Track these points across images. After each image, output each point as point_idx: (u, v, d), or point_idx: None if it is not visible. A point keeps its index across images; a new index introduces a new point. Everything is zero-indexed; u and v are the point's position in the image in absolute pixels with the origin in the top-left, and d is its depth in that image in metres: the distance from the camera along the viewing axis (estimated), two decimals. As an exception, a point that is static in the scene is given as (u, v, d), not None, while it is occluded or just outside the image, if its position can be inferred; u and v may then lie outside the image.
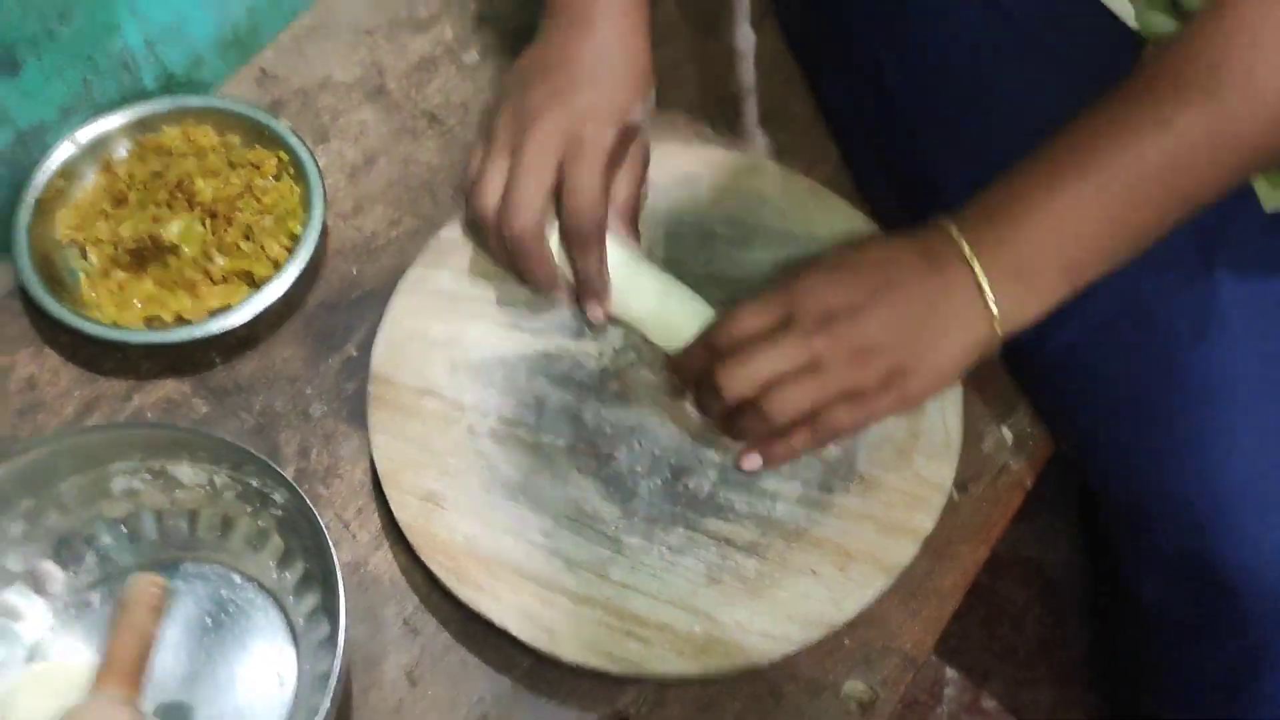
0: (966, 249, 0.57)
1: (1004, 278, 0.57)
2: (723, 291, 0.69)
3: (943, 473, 0.64)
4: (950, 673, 1.10)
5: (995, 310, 0.57)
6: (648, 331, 0.66)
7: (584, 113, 0.63)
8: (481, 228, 0.65)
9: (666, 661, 0.58)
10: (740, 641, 0.59)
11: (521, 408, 0.66)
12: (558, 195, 0.63)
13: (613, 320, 0.67)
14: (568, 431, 0.65)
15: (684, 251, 0.71)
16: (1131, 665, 0.77)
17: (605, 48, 0.65)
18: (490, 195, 0.64)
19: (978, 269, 0.57)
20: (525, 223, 0.62)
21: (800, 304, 0.58)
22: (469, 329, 0.68)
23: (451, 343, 0.67)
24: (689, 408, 0.65)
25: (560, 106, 0.63)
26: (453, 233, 0.71)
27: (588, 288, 0.65)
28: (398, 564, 0.64)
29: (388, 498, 0.62)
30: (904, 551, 0.61)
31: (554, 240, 0.65)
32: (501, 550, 0.61)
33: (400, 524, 0.62)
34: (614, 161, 0.64)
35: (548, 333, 0.68)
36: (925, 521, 0.62)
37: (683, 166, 0.74)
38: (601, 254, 0.64)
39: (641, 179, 0.67)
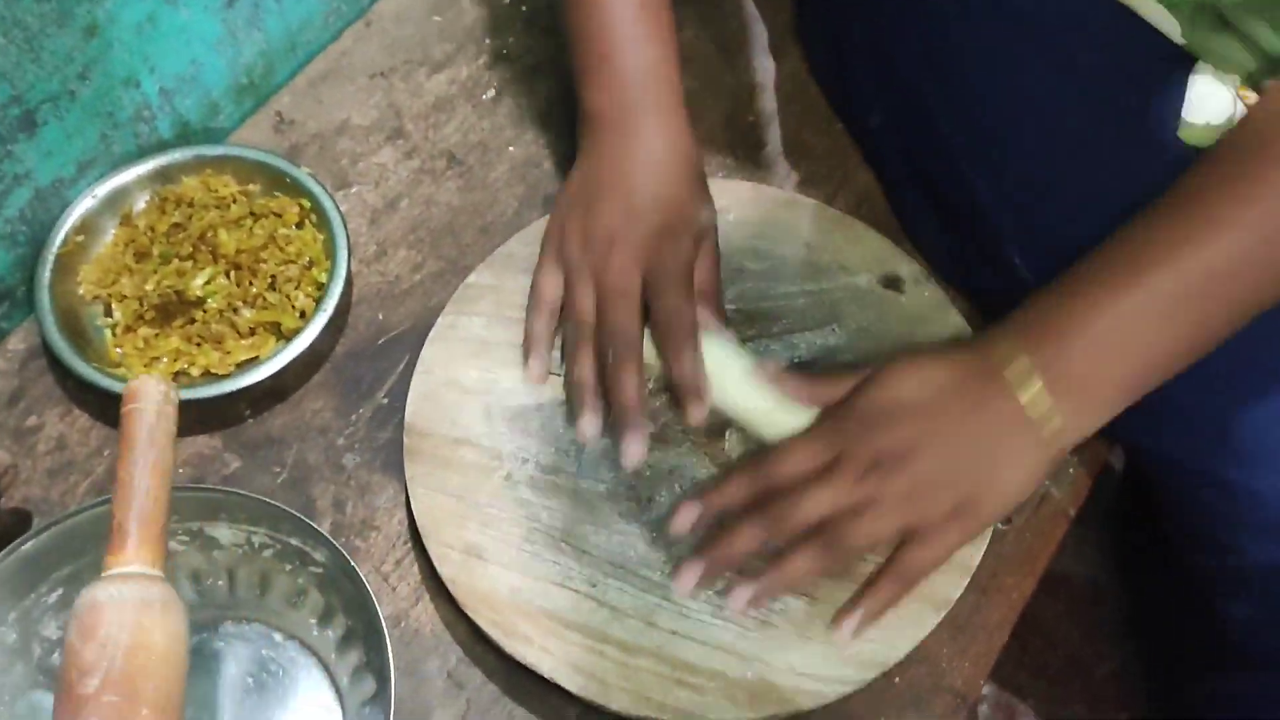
0: (1025, 363, 0.56)
1: (1066, 392, 0.56)
2: (754, 328, 0.69)
3: None
4: (985, 689, 1.09)
5: (1057, 425, 0.56)
6: (749, 423, 0.64)
7: (659, 231, 0.65)
8: (573, 350, 0.65)
9: (720, 710, 0.58)
10: (794, 685, 0.58)
11: (559, 454, 0.65)
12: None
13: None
14: (608, 476, 0.64)
15: None
16: (1192, 689, 0.76)
17: (654, 154, 0.67)
18: (585, 316, 0.65)
19: (1037, 387, 0.56)
20: (626, 346, 0.63)
21: (851, 449, 0.57)
22: (502, 376, 0.67)
23: (486, 390, 0.67)
24: (727, 448, 0.64)
25: (633, 228, 0.65)
26: (481, 278, 0.70)
27: (686, 390, 0.63)
28: (439, 616, 0.63)
29: (429, 552, 0.62)
30: (952, 587, 0.61)
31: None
32: (547, 601, 0.60)
33: (443, 578, 0.61)
34: (691, 265, 0.65)
35: None
36: (973, 555, 0.61)
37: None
38: (697, 357, 0.63)
39: (717, 264, 0.68)
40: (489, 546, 0.62)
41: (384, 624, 0.54)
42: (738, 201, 0.73)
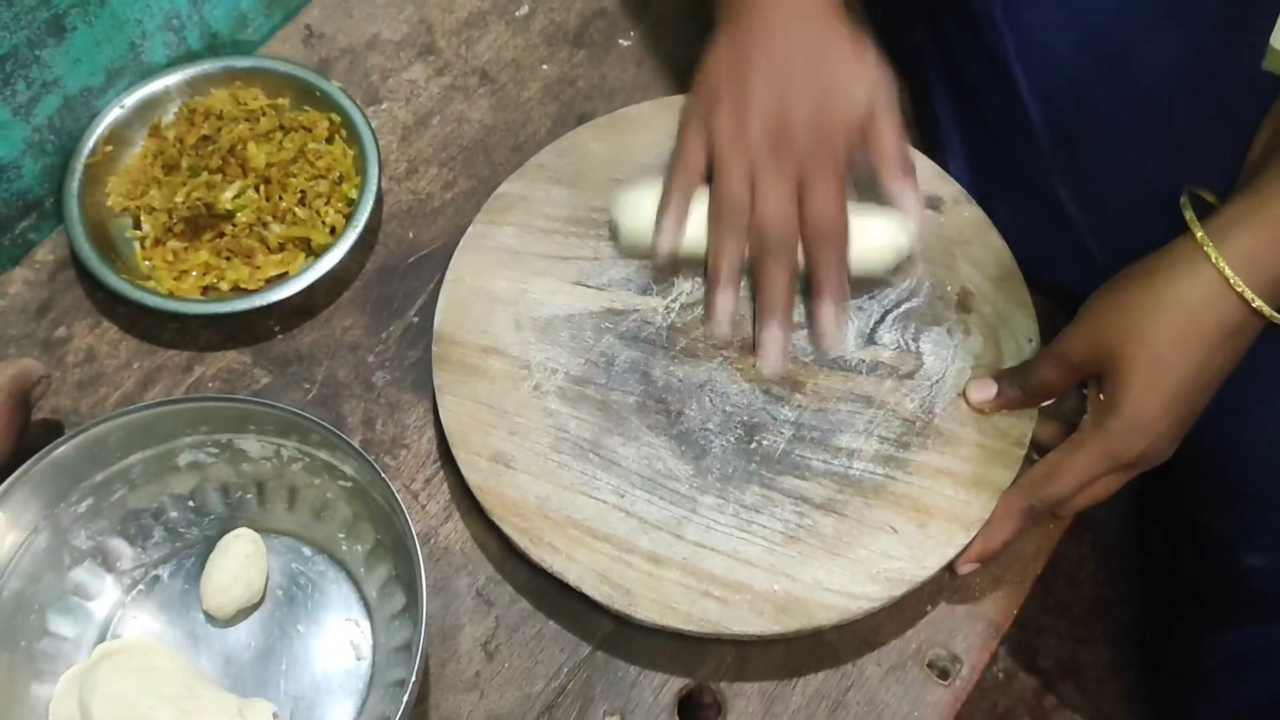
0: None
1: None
2: None
3: (1021, 426, 0.62)
4: (1006, 630, 1.08)
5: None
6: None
7: (814, 119, 0.62)
8: (725, 233, 0.63)
9: (745, 621, 0.57)
10: (821, 600, 0.58)
11: (590, 365, 0.64)
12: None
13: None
14: (637, 389, 0.64)
15: None
16: (1209, 640, 0.75)
17: (806, 22, 0.63)
18: (740, 201, 0.62)
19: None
20: (781, 243, 0.62)
21: (1118, 458, 0.57)
22: (533, 285, 0.67)
23: (516, 300, 0.66)
24: (758, 363, 0.64)
25: (789, 114, 0.62)
26: (513, 188, 0.70)
27: (825, 287, 0.62)
28: (469, 534, 0.63)
29: (456, 459, 0.62)
30: (984, 507, 0.60)
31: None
32: (575, 511, 0.60)
33: (470, 485, 0.61)
34: (845, 154, 0.63)
35: (613, 288, 0.67)
36: (1004, 476, 0.61)
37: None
38: (842, 262, 0.62)
39: (895, 130, 0.64)
40: (517, 455, 0.62)
41: (415, 535, 0.54)
42: None
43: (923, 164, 0.70)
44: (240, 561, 0.60)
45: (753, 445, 0.62)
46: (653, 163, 0.70)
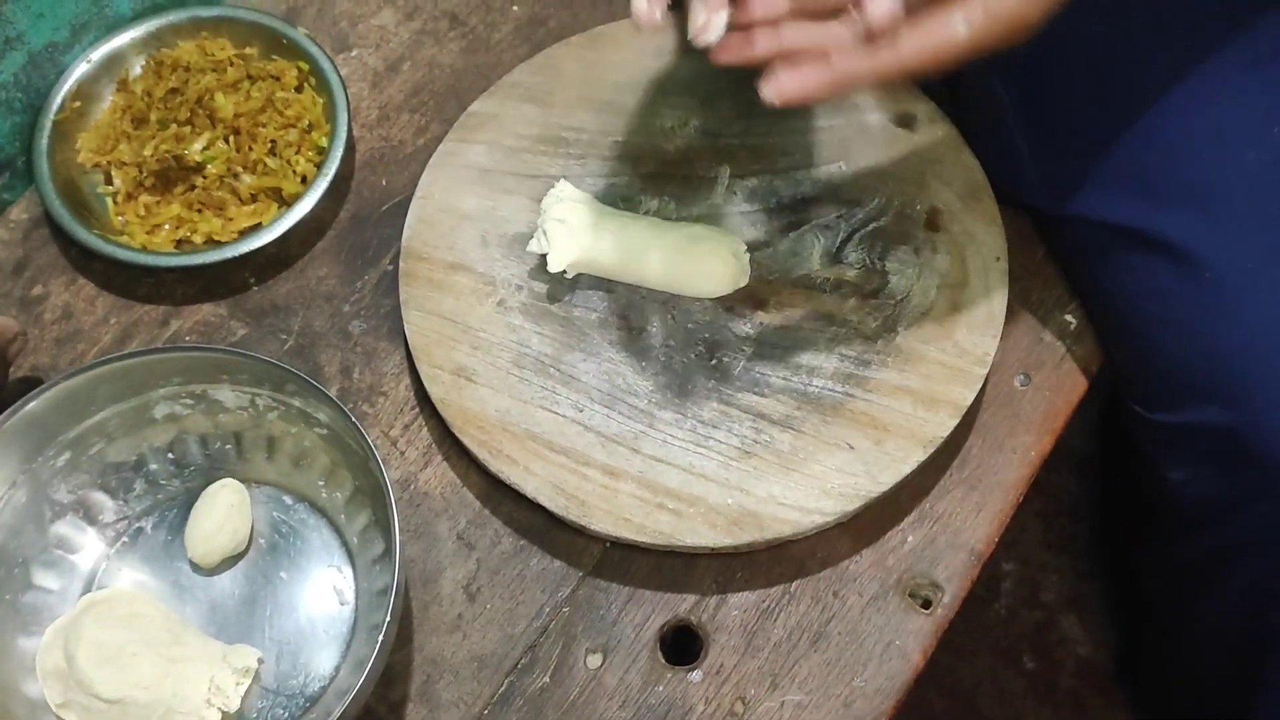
0: None
1: None
2: (759, 163, 0.67)
3: (984, 345, 0.62)
4: (1008, 566, 1.09)
5: None
6: None
7: None
8: None
9: (698, 534, 0.58)
10: (774, 514, 0.58)
11: (553, 282, 0.64)
12: None
13: None
14: (600, 306, 0.64)
15: (720, 122, 0.69)
16: (1150, 555, 0.76)
17: None
18: None
19: None
20: None
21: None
22: (501, 203, 0.67)
23: (483, 217, 0.67)
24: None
25: None
26: (484, 106, 0.70)
27: None
28: (449, 479, 0.63)
29: (419, 372, 0.62)
30: (942, 425, 0.60)
31: None
32: (534, 424, 0.61)
33: (432, 398, 0.62)
34: None
35: None
36: (965, 394, 0.60)
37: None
38: None
39: None
40: (479, 369, 0.62)
41: (388, 479, 0.54)
42: None
43: (898, 82, 0.69)
44: (225, 510, 0.60)
45: (713, 362, 0.62)
46: (625, 80, 0.70)
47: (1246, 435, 0.58)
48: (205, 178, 0.68)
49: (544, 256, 0.63)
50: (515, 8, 0.77)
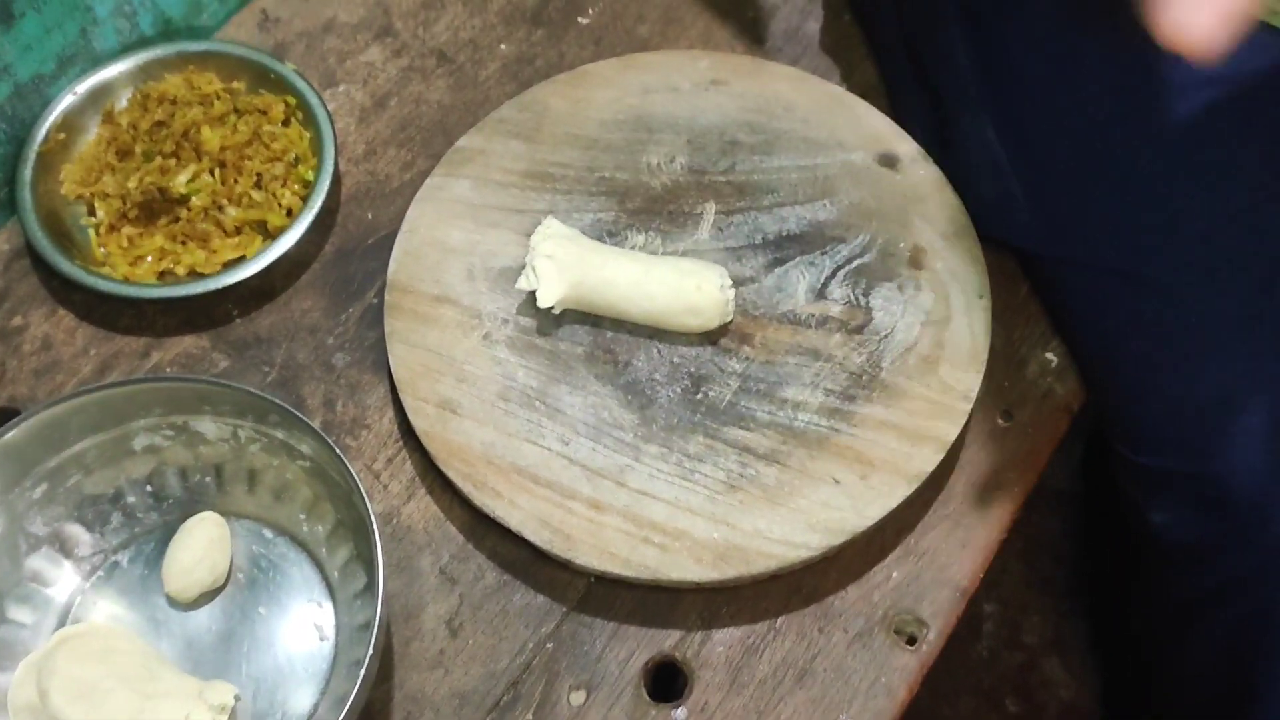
0: None
1: None
2: (744, 199, 0.68)
3: (968, 381, 0.62)
4: (989, 607, 1.08)
5: None
6: None
7: None
8: None
9: (683, 568, 0.57)
10: (760, 548, 0.58)
11: (540, 316, 0.64)
12: None
13: None
14: (586, 339, 0.64)
15: (706, 159, 0.70)
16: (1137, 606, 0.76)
17: None
18: None
19: None
20: None
21: None
22: (487, 237, 0.67)
23: (470, 250, 0.67)
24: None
25: None
26: (471, 141, 0.70)
27: None
28: (431, 513, 0.63)
29: (404, 405, 0.62)
30: (927, 460, 0.60)
31: None
32: (519, 457, 0.60)
33: (417, 431, 0.61)
34: None
35: None
36: (949, 430, 0.61)
37: (707, 73, 0.72)
38: None
39: None
40: (464, 402, 0.62)
41: (372, 512, 0.53)
42: (736, 73, 0.72)
43: (881, 122, 0.70)
44: (205, 544, 0.59)
45: (699, 396, 0.62)
46: (611, 118, 0.70)
47: (1213, 483, 0.58)
48: (189, 210, 0.68)
49: (533, 293, 0.63)
50: (502, 46, 0.78)
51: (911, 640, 0.59)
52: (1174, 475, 0.61)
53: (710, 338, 0.64)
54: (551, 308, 0.63)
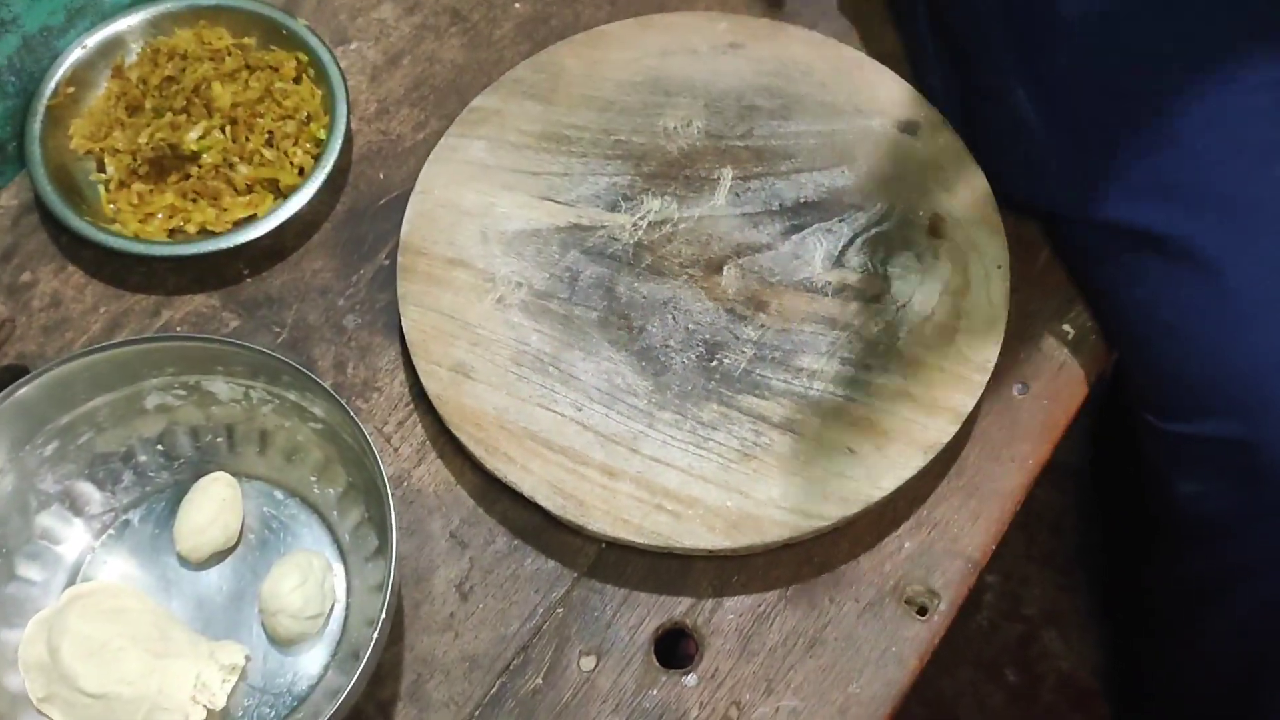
0: None
1: None
2: (761, 165, 0.68)
3: (986, 352, 0.62)
4: (990, 579, 1.09)
5: None
6: None
7: None
8: None
9: (696, 536, 0.57)
10: (773, 517, 0.58)
11: (554, 280, 0.64)
12: None
13: None
14: (600, 304, 0.64)
15: (723, 124, 0.69)
16: (1149, 570, 0.76)
17: None
18: None
19: None
20: None
21: None
22: (501, 199, 0.67)
23: (484, 213, 0.66)
24: (724, 283, 0.63)
25: None
26: (486, 101, 0.70)
27: None
28: (442, 477, 0.62)
29: (416, 368, 0.62)
30: (943, 431, 0.60)
31: None
32: (532, 422, 0.60)
33: (429, 394, 0.61)
34: None
35: (581, 204, 0.67)
36: (966, 401, 0.60)
37: (725, 36, 0.71)
38: None
39: None
40: (477, 365, 0.62)
41: (385, 475, 0.53)
42: (754, 36, 0.72)
43: (901, 88, 0.70)
44: (217, 504, 0.59)
45: (713, 363, 0.62)
46: (628, 80, 0.70)
47: (1261, 450, 0.58)
48: (200, 167, 0.67)
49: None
50: (517, 4, 0.77)
51: (922, 611, 0.60)
52: (1208, 442, 0.60)
53: (726, 304, 0.63)
54: (567, 268, 0.62)
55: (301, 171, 0.68)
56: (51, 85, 0.68)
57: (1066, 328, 0.67)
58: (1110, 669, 1.02)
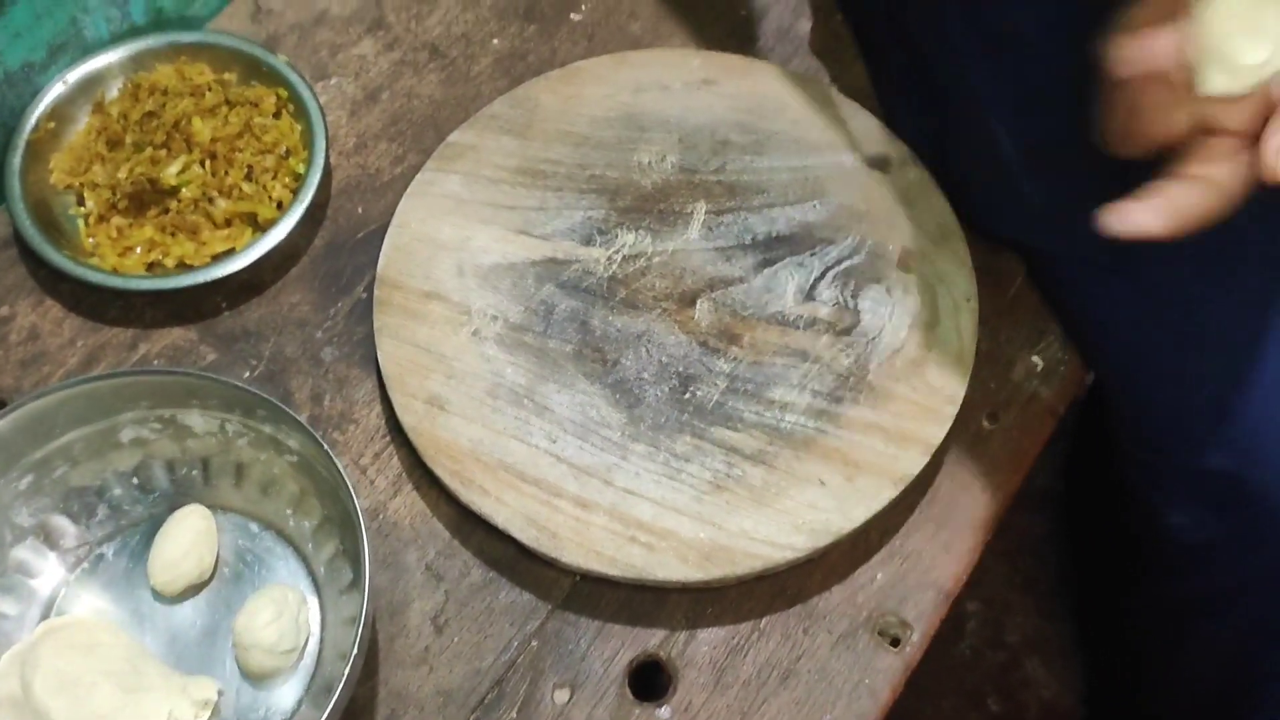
0: None
1: None
2: (734, 199, 0.68)
3: (954, 384, 0.62)
4: (972, 606, 1.09)
5: None
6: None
7: None
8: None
9: (669, 568, 0.58)
10: (746, 549, 0.58)
11: (529, 313, 0.65)
12: None
13: None
14: (575, 338, 0.64)
15: (697, 158, 0.70)
16: (1128, 598, 0.76)
17: None
18: None
19: None
20: None
21: None
22: (477, 233, 0.67)
23: (460, 246, 0.67)
24: (697, 316, 0.64)
25: None
26: (462, 137, 0.70)
27: None
28: (418, 509, 0.63)
29: (391, 401, 0.62)
30: (913, 462, 0.60)
31: None
32: (506, 455, 0.61)
33: (404, 427, 0.61)
34: None
35: (556, 238, 0.67)
36: (936, 433, 0.61)
37: (699, 72, 0.73)
38: None
39: None
40: (452, 398, 0.62)
41: (359, 508, 0.53)
42: (727, 73, 0.72)
43: (871, 124, 0.71)
44: (192, 537, 0.59)
45: (686, 395, 0.62)
46: (602, 115, 0.71)
47: (1252, 482, 0.58)
48: (179, 201, 0.67)
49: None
50: (495, 41, 0.77)
51: (895, 642, 0.60)
52: (1197, 473, 0.60)
53: (699, 337, 0.64)
54: (541, 302, 0.63)
55: (280, 205, 0.68)
56: (32, 120, 0.69)
57: (1036, 359, 0.68)
58: (1093, 696, 1.02)
